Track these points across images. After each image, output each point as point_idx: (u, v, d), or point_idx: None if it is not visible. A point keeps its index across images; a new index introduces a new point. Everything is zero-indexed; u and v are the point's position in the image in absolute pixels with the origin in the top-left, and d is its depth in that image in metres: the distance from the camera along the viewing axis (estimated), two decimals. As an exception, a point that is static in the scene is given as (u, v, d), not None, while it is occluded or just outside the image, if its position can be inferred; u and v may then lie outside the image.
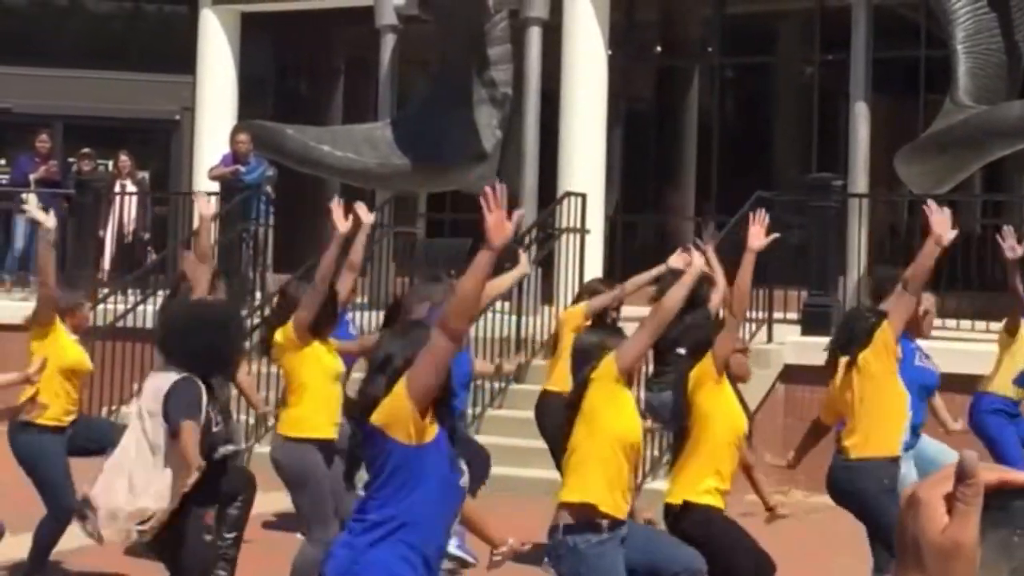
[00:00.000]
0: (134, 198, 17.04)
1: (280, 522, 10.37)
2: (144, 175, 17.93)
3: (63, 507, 8.06)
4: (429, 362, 4.64)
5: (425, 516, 4.67)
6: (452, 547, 8.06)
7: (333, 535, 7.70)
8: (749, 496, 7.29)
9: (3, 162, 18.64)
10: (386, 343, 5.02)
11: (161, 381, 6.56)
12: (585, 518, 5.83)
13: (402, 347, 4.83)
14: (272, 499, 10.87)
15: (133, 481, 6.39)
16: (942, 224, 6.98)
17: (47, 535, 8.37)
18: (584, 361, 6.13)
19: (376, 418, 4.69)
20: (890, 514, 6.92)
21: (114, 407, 13.27)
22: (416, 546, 4.66)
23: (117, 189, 17.13)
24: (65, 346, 8.53)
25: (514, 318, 13.49)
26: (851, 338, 7.34)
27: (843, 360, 7.31)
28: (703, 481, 6.49)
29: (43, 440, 8.32)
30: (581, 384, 6.03)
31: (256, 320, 13.59)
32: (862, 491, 7.11)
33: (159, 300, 11.87)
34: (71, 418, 8.57)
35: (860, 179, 15.30)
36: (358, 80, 21.00)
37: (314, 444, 7.64)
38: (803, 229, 13.68)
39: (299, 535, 9.84)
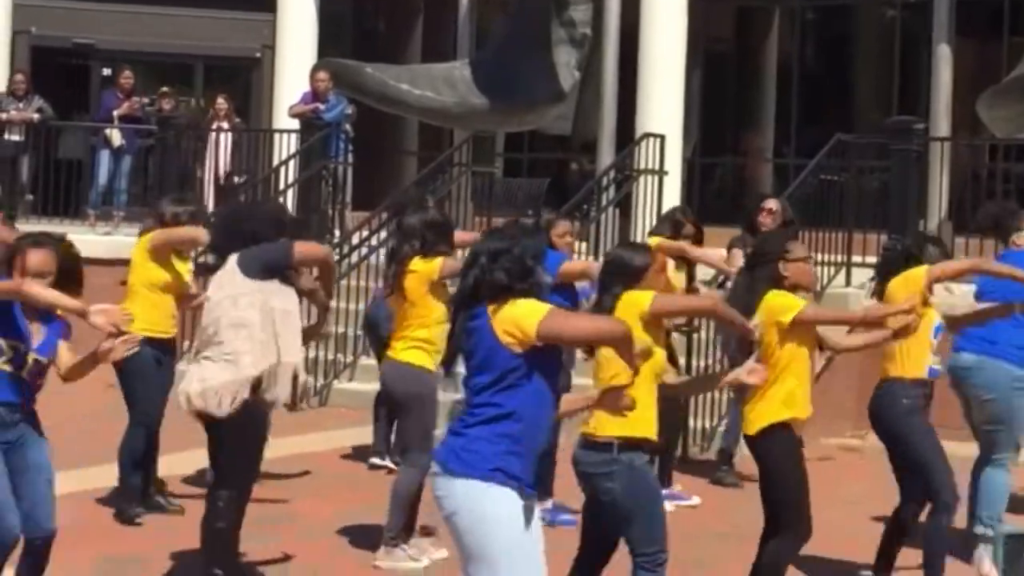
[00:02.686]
0: (230, 140, 17.11)
1: (356, 454, 10.52)
2: (238, 119, 18.00)
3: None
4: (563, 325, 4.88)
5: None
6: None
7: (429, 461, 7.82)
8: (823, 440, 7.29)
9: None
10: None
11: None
12: (636, 439, 5.98)
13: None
14: (349, 434, 11.06)
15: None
16: None
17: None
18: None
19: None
20: (915, 436, 7.11)
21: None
22: (520, 439, 4.87)
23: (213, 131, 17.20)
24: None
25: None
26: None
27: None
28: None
29: None
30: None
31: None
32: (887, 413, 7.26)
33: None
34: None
35: (942, 122, 15.19)
36: (437, 19, 21.02)
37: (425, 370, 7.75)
38: (884, 172, 13.59)
39: (371, 460, 10.06)
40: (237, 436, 6.79)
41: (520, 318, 4.84)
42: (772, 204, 10.29)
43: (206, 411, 6.73)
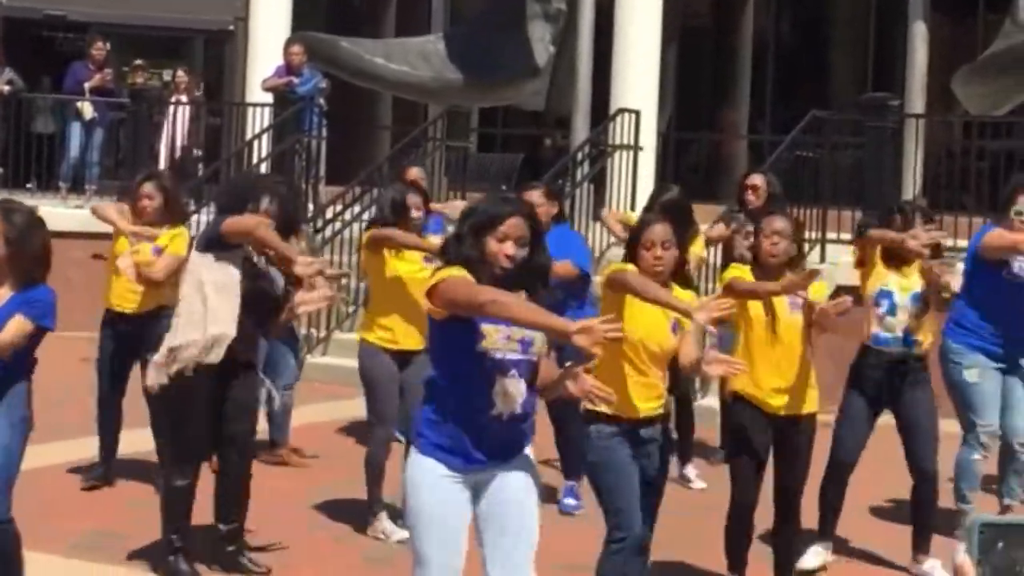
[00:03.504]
0: (187, 114, 16.98)
1: (330, 428, 10.48)
2: (199, 93, 17.86)
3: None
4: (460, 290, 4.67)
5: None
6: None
7: (390, 434, 7.82)
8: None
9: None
10: None
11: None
12: (593, 412, 5.88)
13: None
14: (323, 409, 11.02)
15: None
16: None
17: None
18: None
19: None
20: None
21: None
22: (442, 414, 4.81)
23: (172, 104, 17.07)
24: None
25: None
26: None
27: None
28: None
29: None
30: None
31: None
32: None
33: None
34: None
35: (917, 99, 15.20)
36: (412, -7, 20.91)
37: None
38: (858, 149, 13.59)
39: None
40: (166, 409, 6.91)
41: (426, 283, 4.84)
42: (756, 180, 10.15)
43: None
